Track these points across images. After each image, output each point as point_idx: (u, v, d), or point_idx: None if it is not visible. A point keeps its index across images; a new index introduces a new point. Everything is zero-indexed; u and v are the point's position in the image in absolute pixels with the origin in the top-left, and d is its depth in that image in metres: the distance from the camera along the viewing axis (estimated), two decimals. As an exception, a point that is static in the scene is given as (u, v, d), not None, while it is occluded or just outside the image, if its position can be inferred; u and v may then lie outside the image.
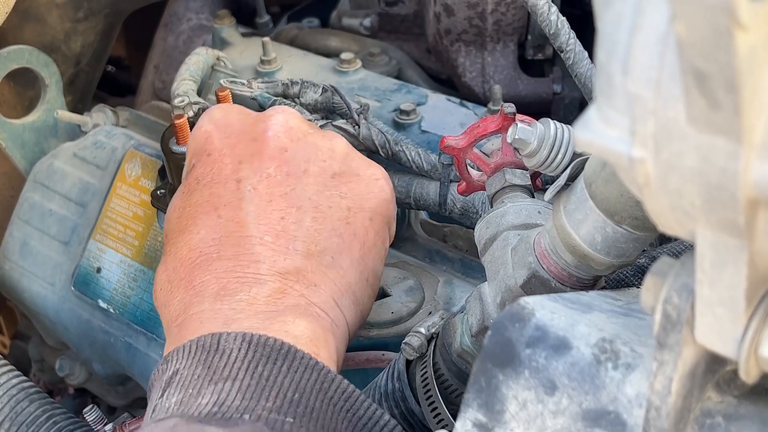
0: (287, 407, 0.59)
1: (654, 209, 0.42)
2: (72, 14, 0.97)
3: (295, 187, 0.71)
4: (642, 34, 0.39)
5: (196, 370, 0.61)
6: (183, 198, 0.72)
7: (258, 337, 0.62)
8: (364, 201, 0.73)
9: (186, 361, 0.62)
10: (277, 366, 0.61)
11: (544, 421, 0.53)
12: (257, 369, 0.60)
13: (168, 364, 0.63)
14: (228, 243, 0.68)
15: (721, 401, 0.51)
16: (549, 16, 0.80)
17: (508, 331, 0.56)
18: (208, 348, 0.62)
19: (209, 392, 0.59)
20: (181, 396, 0.60)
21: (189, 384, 0.60)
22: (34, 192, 0.99)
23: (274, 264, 0.68)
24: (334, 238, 0.70)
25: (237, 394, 0.59)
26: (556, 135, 0.63)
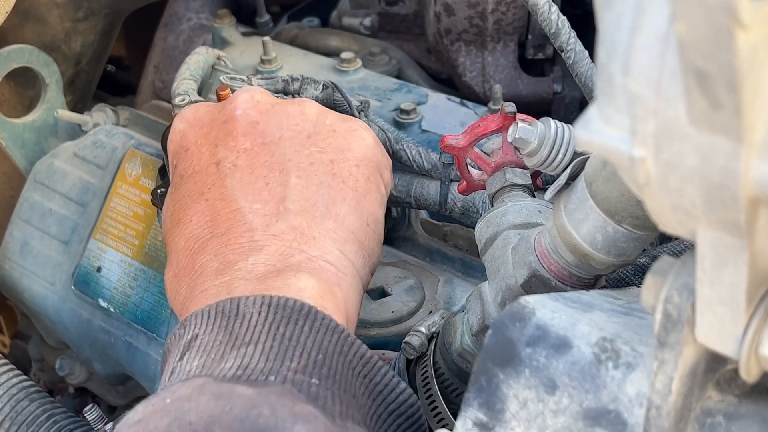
0: (312, 368, 0.59)
1: (654, 208, 0.42)
2: (72, 14, 0.97)
3: (274, 153, 0.71)
4: (643, 33, 0.39)
5: (217, 336, 0.61)
6: (172, 196, 0.73)
7: (278, 299, 0.62)
8: (346, 151, 0.73)
9: (206, 326, 0.62)
10: (299, 326, 0.61)
11: (545, 420, 0.53)
12: (279, 330, 0.60)
13: (186, 328, 0.63)
14: (219, 221, 0.69)
15: (721, 400, 0.52)
16: (549, 15, 0.80)
17: (508, 331, 0.56)
18: (228, 313, 0.62)
19: (232, 357, 0.59)
20: (203, 360, 0.60)
21: (211, 349, 0.60)
22: (35, 191, 0.99)
23: (267, 228, 0.68)
24: (323, 190, 0.71)
25: (261, 356, 0.59)
26: (557, 134, 0.63)
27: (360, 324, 0.77)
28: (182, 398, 0.56)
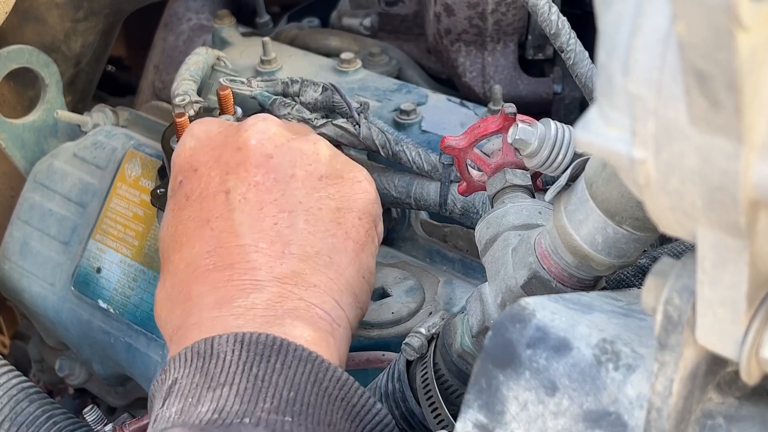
0: (284, 406, 0.59)
1: (655, 210, 0.42)
2: (72, 14, 0.97)
3: (285, 192, 0.71)
4: (643, 34, 0.39)
5: (194, 379, 0.61)
6: (174, 215, 0.72)
7: (250, 336, 0.62)
8: (351, 201, 0.73)
9: (183, 369, 0.62)
10: (271, 364, 0.61)
11: (545, 422, 0.53)
12: (252, 371, 0.60)
13: (167, 373, 0.63)
14: (223, 254, 0.68)
15: (722, 402, 0.51)
16: (549, 16, 0.80)
17: (508, 332, 0.56)
18: (203, 354, 0.62)
19: (208, 399, 0.60)
20: (181, 405, 0.60)
21: (188, 393, 0.61)
22: (34, 192, 0.99)
23: (271, 270, 0.68)
24: (328, 239, 0.70)
25: (235, 399, 0.59)
26: (557, 135, 0.63)
27: (360, 325, 0.77)
28: None
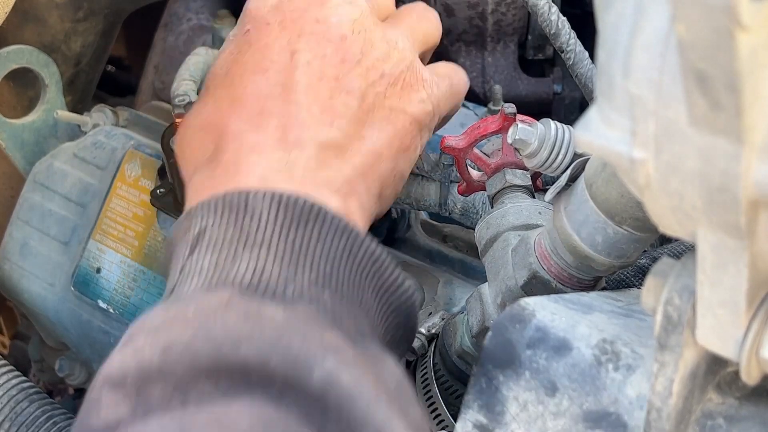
0: (323, 280, 0.59)
1: (655, 210, 0.42)
2: (72, 14, 0.97)
3: (348, 74, 0.70)
4: (643, 34, 0.39)
5: (227, 232, 0.60)
6: (232, 56, 0.71)
7: (288, 197, 0.61)
8: (407, 105, 0.72)
9: (214, 218, 0.61)
10: (308, 231, 0.60)
11: (545, 423, 0.53)
12: (289, 236, 0.60)
13: (192, 220, 0.62)
14: (273, 103, 0.68)
15: (722, 402, 0.51)
16: (549, 16, 0.80)
17: (508, 332, 0.56)
18: (236, 208, 0.61)
19: (245, 258, 0.58)
20: (215, 258, 0.59)
21: (222, 246, 0.59)
22: (34, 192, 0.99)
23: (317, 134, 0.67)
24: (375, 130, 0.70)
25: (274, 263, 0.58)
26: (557, 136, 0.63)
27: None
28: (207, 312, 0.55)
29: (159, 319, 0.55)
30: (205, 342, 0.52)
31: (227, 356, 0.52)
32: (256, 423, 0.49)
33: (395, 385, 0.56)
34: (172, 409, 0.50)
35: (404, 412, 0.55)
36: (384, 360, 0.58)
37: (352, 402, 0.52)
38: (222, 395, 0.51)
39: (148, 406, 0.51)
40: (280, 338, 0.53)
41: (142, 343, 0.54)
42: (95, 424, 0.52)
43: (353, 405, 0.51)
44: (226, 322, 0.54)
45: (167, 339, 0.53)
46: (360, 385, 0.53)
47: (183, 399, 0.51)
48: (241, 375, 0.52)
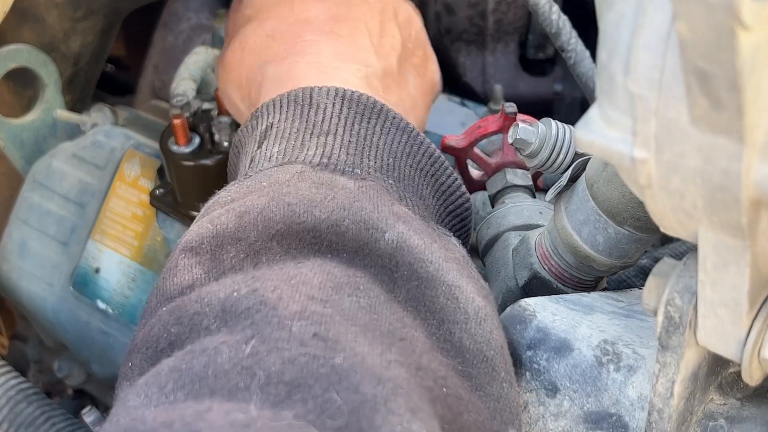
0: (386, 169, 0.60)
1: (656, 210, 0.42)
2: (71, 13, 0.97)
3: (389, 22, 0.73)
4: (644, 33, 0.39)
5: (293, 124, 0.61)
6: None
7: (351, 93, 0.62)
8: (425, 71, 0.75)
9: (280, 114, 0.62)
10: (371, 125, 0.61)
11: (546, 424, 0.53)
12: (354, 127, 0.61)
13: (259, 119, 0.63)
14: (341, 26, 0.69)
15: (724, 403, 0.51)
16: (550, 15, 0.80)
17: (509, 333, 0.56)
18: (301, 102, 0.62)
19: (313, 145, 0.60)
20: (283, 146, 0.60)
21: (290, 136, 0.61)
22: (33, 192, 0.99)
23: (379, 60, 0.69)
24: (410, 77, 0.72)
25: (341, 149, 0.59)
26: (558, 135, 0.62)
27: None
28: (280, 182, 0.56)
29: (234, 193, 0.57)
30: (278, 207, 0.54)
31: (300, 218, 0.53)
32: (325, 280, 0.49)
33: (462, 258, 0.57)
34: (245, 270, 0.51)
35: (473, 279, 0.55)
36: (448, 237, 0.58)
37: (423, 263, 0.52)
38: (293, 258, 0.52)
39: (222, 268, 0.52)
40: (353, 203, 0.54)
41: (218, 213, 0.55)
42: (171, 288, 0.53)
43: (424, 266, 0.52)
44: (300, 189, 0.55)
45: (242, 207, 0.54)
46: (430, 249, 0.53)
47: (255, 261, 0.52)
48: (313, 238, 0.53)
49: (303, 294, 0.48)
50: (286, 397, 0.43)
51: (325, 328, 0.46)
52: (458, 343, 0.51)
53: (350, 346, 0.46)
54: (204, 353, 0.45)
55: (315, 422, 0.42)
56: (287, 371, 0.44)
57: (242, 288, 0.49)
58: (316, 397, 0.43)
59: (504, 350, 0.53)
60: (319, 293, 0.48)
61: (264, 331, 0.46)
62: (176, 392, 0.44)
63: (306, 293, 0.48)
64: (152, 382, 0.45)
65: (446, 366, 0.50)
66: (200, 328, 0.48)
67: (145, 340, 0.51)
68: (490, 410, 0.50)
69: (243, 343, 0.45)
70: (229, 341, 0.46)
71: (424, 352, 0.49)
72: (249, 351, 0.45)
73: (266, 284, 0.49)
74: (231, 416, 0.41)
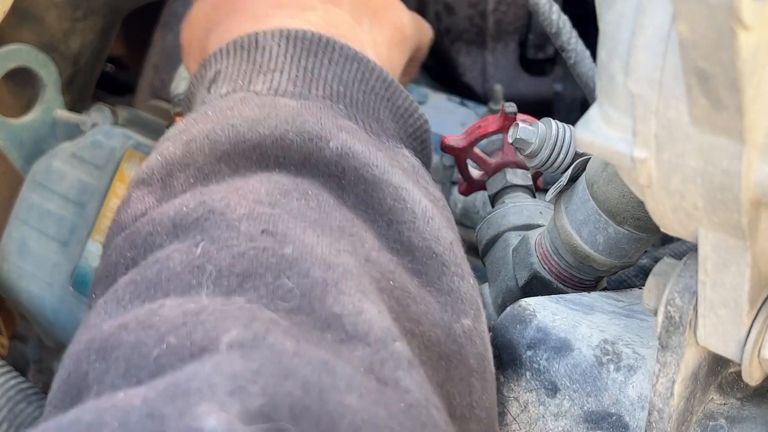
0: (336, 96, 0.60)
1: (656, 210, 0.42)
2: (70, 13, 0.97)
3: None
4: (644, 33, 0.39)
5: (240, 67, 0.61)
6: None
7: (296, 32, 0.62)
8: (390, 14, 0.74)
9: (227, 60, 0.62)
10: (318, 58, 0.61)
11: (546, 424, 0.53)
12: (300, 62, 0.61)
13: (207, 68, 0.63)
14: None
15: (724, 403, 0.51)
16: (550, 15, 0.80)
17: (509, 333, 0.56)
18: (247, 47, 0.62)
19: (260, 81, 0.60)
20: (231, 86, 0.60)
21: (237, 77, 0.61)
22: (33, 192, 0.99)
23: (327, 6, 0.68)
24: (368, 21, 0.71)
25: (288, 82, 0.60)
26: (558, 135, 0.62)
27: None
28: (224, 108, 0.56)
29: (181, 126, 0.57)
30: (223, 129, 0.54)
31: (245, 137, 0.53)
32: (273, 188, 0.50)
33: (411, 167, 0.58)
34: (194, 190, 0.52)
35: (420, 185, 0.56)
36: (399, 149, 0.59)
37: (368, 167, 0.53)
38: (241, 176, 0.52)
39: (172, 193, 0.53)
40: (296, 117, 0.55)
41: (165, 144, 0.55)
42: (125, 219, 0.53)
43: (369, 170, 0.53)
44: (243, 110, 0.55)
45: (188, 135, 0.55)
46: (375, 155, 0.54)
47: (205, 183, 0.52)
48: (259, 155, 0.53)
49: (250, 200, 0.49)
50: (237, 287, 0.45)
51: (273, 225, 0.48)
52: (407, 242, 0.52)
53: (299, 238, 0.47)
54: (156, 262, 0.47)
55: (268, 305, 0.44)
56: (238, 264, 0.45)
57: (191, 203, 0.50)
58: (268, 284, 0.45)
59: (454, 246, 0.54)
60: (267, 198, 0.50)
61: (213, 233, 0.47)
62: (132, 301, 0.46)
63: (253, 199, 0.49)
64: (110, 299, 0.47)
65: (395, 263, 0.51)
66: (154, 247, 0.49)
67: (105, 269, 0.52)
68: (440, 303, 0.51)
69: (193, 247, 0.47)
70: (180, 248, 0.47)
71: (373, 249, 0.50)
72: (199, 252, 0.46)
73: (214, 196, 0.50)
74: (183, 307, 0.43)
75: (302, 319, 0.44)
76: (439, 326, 0.50)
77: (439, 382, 0.49)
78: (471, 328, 0.52)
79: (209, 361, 0.39)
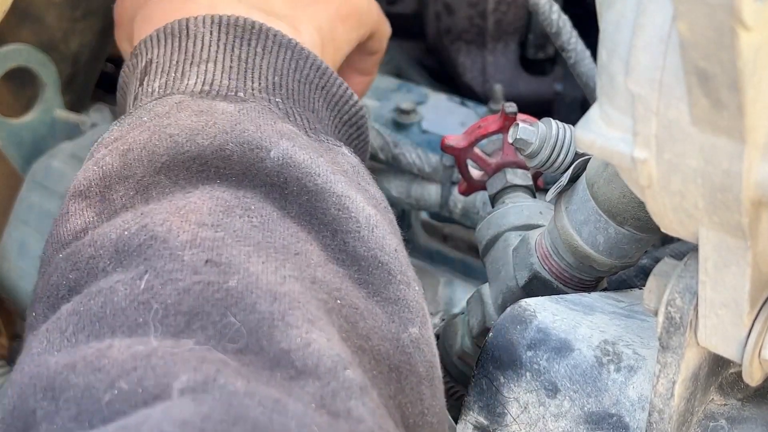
0: (272, 88, 0.59)
1: (656, 210, 0.42)
2: (70, 13, 0.97)
3: None
4: (644, 33, 0.39)
5: (172, 57, 0.60)
6: None
7: (227, 18, 0.61)
8: None
9: (158, 50, 0.61)
10: (252, 46, 0.60)
11: (546, 424, 0.53)
12: (234, 51, 0.60)
13: (138, 57, 0.62)
14: None
15: (724, 404, 0.51)
16: (550, 15, 0.80)
17: (509, 333, 0.56)
18: (178, 34, 0.61)
19: (194, 74, 0.59)
20: (164, 80, 0.59)
21: (170, 69, 0.60)
22: (32, 192, 0.99)
23: None
24: None
25: (222, 74, 0.59)
26: (558, 135, 0.62)
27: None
28: (160, 115, 0.55)
29: (116, 132, 0.56)
30: (161, 140, 0.53)
31: (184, 148, 0.53)
32: (215, 206, 0.50)
33: (351, 169, 0.57)
34: (135, 207, 0.51)
35: (362, 189, 0.56)
36: (338, 148, 0.58)
37: (311, 177, 0.53)
38: (182, 189, 0.51)
39: (113, 208, 0.52)
40: (235, 126, 0.54)
41: (102, 153, 0.54)
42: (64, 234, 0.53)
43: (312, 179, 0.53)
44: (180, 119, 0.54)
45: (125, 144, 0.54)
46: (316, 163, 0.53)
47: (146, 197, 0.52)
48: (200, 166, 0.52)
49: (192, 222, 0.49)
50: (185, 327, 0.44)
51: (217, 253, 0.47)
52: (352, 252, 0.52)
53: (244, 267, 0.47)
54: (100, 294, 0.46)
55: (216, 347, 0.43)
56: (184, 301, 0.45)
57: (132, 226, 0.49)
58: (215, 323, 0.44)
59: (399, 254, 0.55)
60: (209, 219, 0.49)
61: (157, 264, 0.47)
62: (77, 334, 0.45)
63: (196, 221, 0.49)
64: (53, 328, 0.46)
65: (342, 276, 0.51)
66: (97, 271, 0.49)
67: (45, 289, 0.51)
68: (387, 314, 0.51)
69: (137, 279, 0.46)
70: (124, 279, 0.46)
71: (319, 265, 0.50)
72: (144, 286, 0.46)
73: (155, 218, 0.49)
74: (132, 350, 0.42)
75: (251, 358, 0.43)
76: (388, 339, 0.50)
77: (390, 394, 0.49)
78: (418, 336, 0.52)
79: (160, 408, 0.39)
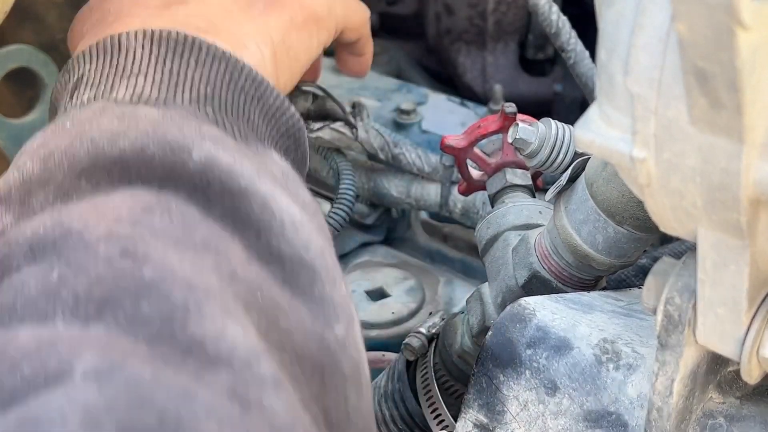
0: (204, 100, 0.58)
1: (655, 209, 0.42)
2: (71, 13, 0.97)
3: None
4: (643, 33, 0.39)
5: (103, 71, 0.59)
6: None
7: (160, 32, 0.60)
8: None
9: (89, 65, 0.60)
10: (184, 59, 0.59)
11: (545, 422, 0.53)
12: (165, 65, 0.59)
13: (70, 73, 0.61)
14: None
15: (723, 402, 0.51)
16: (550, 15, 0.80)
17: (509, 332, 0.56)
18: (110, 49, 0.60)
19: (123, 86, 0.58)
20: (93, 93, 0.58)
21: (99, 82, 0.59)
22: (34, 192, 0.99)
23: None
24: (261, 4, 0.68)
25: (152, 87, 0.58)
26: (557, 135, 0.62)
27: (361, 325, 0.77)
28: (82, 121, 0.55)
29: (39, 139, 0.55)
30: (82, 144, 0.52)
31: (104, 151, 0.52)
32: (135, 204, 0.49)
33: (280, 172, 0.56)
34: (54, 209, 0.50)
35: (289, 191, 0.55)
36: (268, 154, 0.58)
37: (234, 178, 0.52)
38: (103, 192, 0.50)
39: (31, 211, 0.51)
40: (156, 129, 0.53)
41: (23, 160, 0.54)
42: None
43: (236, 180, 0.52)
44: (102, 123, 0.54)
45: (46, 150, 0.53)
46: (241, 164, 0.53)
47: (64, 200, 0.50)
48: (121, 170, 0.51)
49: (110, 218, 0.48)
50: (95, 314, 0.43)
51: (132, 246, 0.46)
52: (276, 251, 0.51)
53: (160, 258, 0.46)
54: (11, 287, 0.45)
55: (127, 333, 0.42)
56: (95, 290, 0.44)
57: (48, 223, 0.48)
58: (126, 310, 0.43)
59: (325, 253, 0.54)
60: (128, 216, 0.48)
61: (70, 256, 0.46)
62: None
63: (113, 217, 0.48)
64: None
65: (264, 274, 0.50)
66: (11, 269, 0.47)
67: None
68: (312, 313, 0.50)
69: (50, 271, 0.45)
70: (36, 272, 0.45)
71: (240, 263, 0.49)
72: (56, 276, 0.45)
73: (72, 215, 0.48)
74: (38, 336, 0.41)
75: (162, 346, 0.42)
76: (311, 337, 0.49)
77: (313, 394, 0.48)
78: (344, 335, 0.51)
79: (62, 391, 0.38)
